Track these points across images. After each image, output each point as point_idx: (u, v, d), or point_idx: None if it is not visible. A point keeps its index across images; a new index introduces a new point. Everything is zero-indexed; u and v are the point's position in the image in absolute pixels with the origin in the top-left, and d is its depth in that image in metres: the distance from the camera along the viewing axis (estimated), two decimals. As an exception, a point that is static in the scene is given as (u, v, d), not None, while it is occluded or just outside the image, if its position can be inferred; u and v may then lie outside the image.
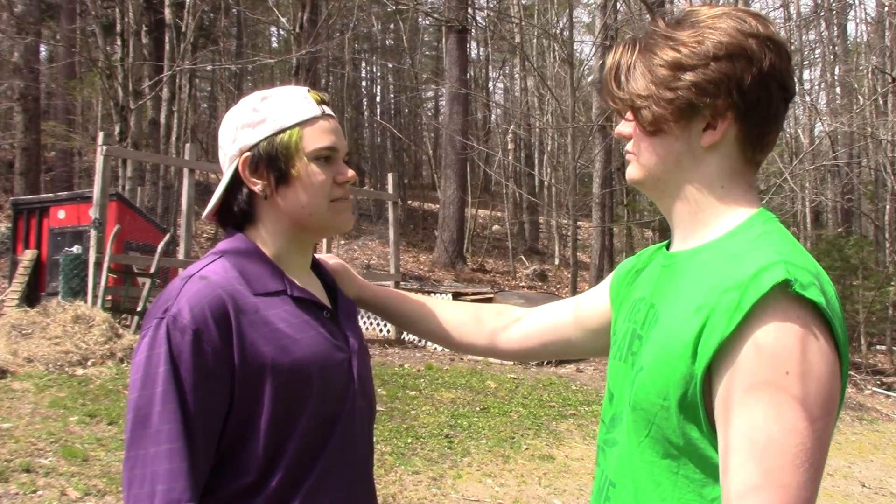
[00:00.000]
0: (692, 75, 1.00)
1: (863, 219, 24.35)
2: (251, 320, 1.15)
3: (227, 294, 1.14)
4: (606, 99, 1.10)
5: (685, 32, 1.03)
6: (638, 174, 1.10)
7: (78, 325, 7.42)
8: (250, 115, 1.25)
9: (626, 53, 1.07)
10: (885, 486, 5.70)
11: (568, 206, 17.50)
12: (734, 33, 1.00)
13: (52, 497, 3.87)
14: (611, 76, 1.08)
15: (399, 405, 6.62)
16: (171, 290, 1.16)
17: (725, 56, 0.99)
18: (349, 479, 1.23)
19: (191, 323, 1.10)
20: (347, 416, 1.23)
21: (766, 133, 1.04)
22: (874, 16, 25.71)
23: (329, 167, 1.25)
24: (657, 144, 1.06)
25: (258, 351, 1.13)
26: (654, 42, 1.04)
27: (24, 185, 16.76)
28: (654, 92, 1.03)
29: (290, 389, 1.15)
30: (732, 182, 1.05)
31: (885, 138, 15.92)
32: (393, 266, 11.81)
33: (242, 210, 1.26)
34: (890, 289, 14.11)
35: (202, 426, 1.09)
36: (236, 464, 1.14)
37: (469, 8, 20.37)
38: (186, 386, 1.08)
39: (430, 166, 28.42)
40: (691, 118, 1.03)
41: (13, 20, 16.50)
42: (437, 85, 30.52)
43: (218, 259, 1.22)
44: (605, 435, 1.12)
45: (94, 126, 23.06)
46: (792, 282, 0.88)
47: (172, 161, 15.84)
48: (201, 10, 16.88)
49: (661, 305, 1.04)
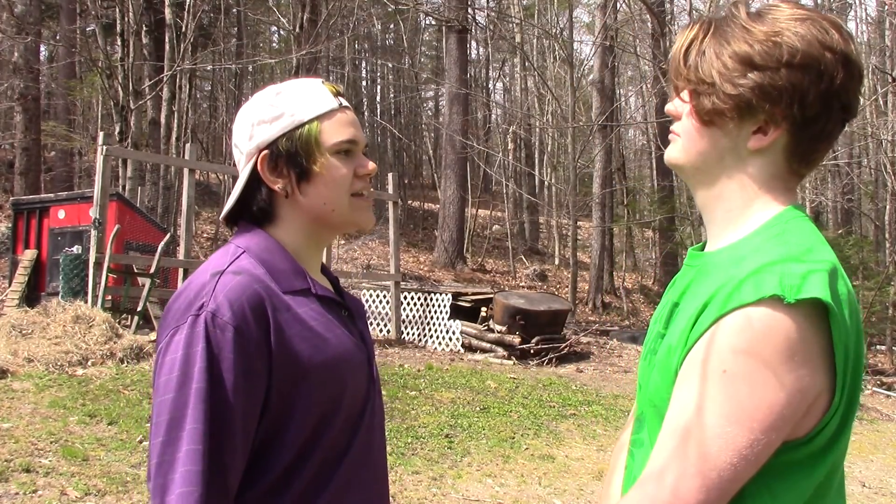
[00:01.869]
0: (759, 76, 0.97)
1: (863, 219, 24.36)
2: (286, 318, 1.12)
3: (263, 290, 1.11)
4: (672, 76, 1.06)
5: (763, 28, 0.98)
6: (678, 157, 1.08)
7: (78, 325, 7.42)
8: (266, 111, 1.20)
9: (700, 34, 1.03)
10: (886, 486, 5.70)
11: (568, 206, 17.50)
12: (813, 43, 0.96)
13: (52, 497, 3.87)
14: (680, 53, 1.04)
15: (399, 405, 6.62)
16: (202, 286, 1.10)
17: (798, 65, 0.96)
18: (372, 478, 1.23)
19: (231, 319, 1.06)
20: (369, 415, 1.22)
21: (815, 150, 1.02)
22: (874, 16, 25.72)
23: (349, 160, 1.22)
24: (705, 134, 1.03)
25: (294, 349, 1.11)
26: (730, 30, 1.00)
27: (24, 185, 16.76)
28: (718, 82, 0.99)
29: (325, 389, 1.13)
30: (771, 187, 1.03)
31: (885, 138, 15.92)
32: (393, 266, 11.81)
33: (262, 209, 1.21)
34: (890, 289, 14.10)
35: (241, 425, 1.05)
36: (264, 464, 1.11)
37: (469, 8, 20.36)
38: (227, 384, 1.04)
39: (430, 166, 28.42)
40: (746, 118, 1.00)
41: (13, 20, 16.50)
42: (437, 85, 30.52)
43: (243, 254, 1.17)
44: (634, 436, 1.13)
45: (94, 126, 23.06)
46: (781, 295, 0.87)
47: (172, 161, 15.84)
48: (201, 10, 16.87)
49: (683, 305, 1.04)
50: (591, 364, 10.66)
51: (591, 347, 11.81)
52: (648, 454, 1.04)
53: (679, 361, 0.95)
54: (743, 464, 0.87)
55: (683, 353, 0.95)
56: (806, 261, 0.91)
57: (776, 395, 0.87)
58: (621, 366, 10.67)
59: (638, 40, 20.58)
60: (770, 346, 0.87)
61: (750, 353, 0.87)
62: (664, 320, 1.08)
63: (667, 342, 1.00)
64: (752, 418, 0.87)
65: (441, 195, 19.53)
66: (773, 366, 0.87)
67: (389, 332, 11.42)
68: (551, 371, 9.73)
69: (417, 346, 11.08)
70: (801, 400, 0.88)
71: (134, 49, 14.84)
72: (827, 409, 0.91)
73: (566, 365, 10.33)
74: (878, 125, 15.89)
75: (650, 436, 1.04)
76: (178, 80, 17.55)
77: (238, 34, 24.71)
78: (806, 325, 0.88)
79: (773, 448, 0.89)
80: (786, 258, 0.92)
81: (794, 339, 0.87)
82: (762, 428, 0.87)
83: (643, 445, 1.07)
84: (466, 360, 10.06)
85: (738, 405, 0.87)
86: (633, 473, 1.09)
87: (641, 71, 25.09)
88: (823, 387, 0.89)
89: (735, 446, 0.87)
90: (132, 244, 11.40)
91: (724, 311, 0.89)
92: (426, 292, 11.63)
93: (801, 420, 0.90)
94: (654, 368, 1.03)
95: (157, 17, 17.27)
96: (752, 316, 0.88)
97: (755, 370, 0.87)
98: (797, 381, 0.87)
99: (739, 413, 0.87)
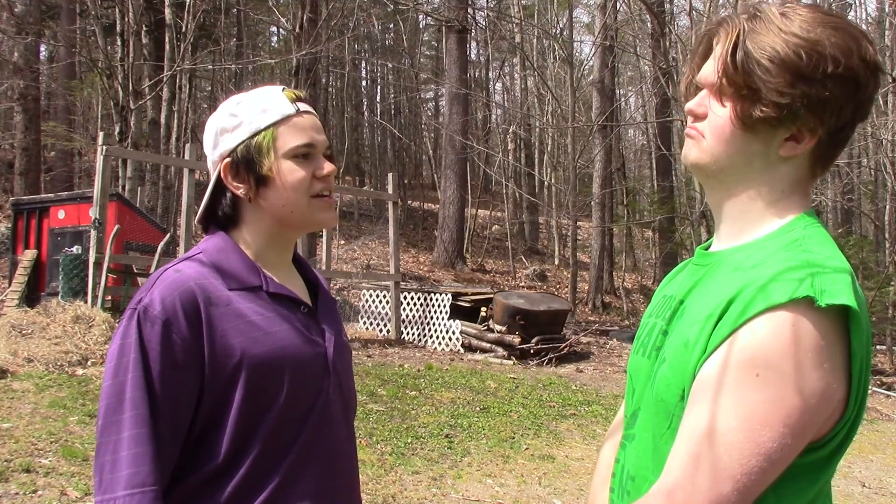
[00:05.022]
0: (807, 87, 0.96)
1: (863, 219, 24.36)
2: (223, 312, 1.18)
3: (198, 286, 1.18)
4: (718, 75, 1.02)
5: (801, 34, 0.97)
6: (701, 158, 1.05)
7: (78, 325, 7.43)
8: (228, 120, 1.29)
9: (742, 35, 1.00)
10: (886, 485, 5.70)
11: (568, 206, 17.49)
12: (851, 55, 0.96)
13: (52, 497, 3.87)
14: (728, 56, 1.01)
15: (399, 405, 6.62)
16: (146, 284, 1.20)
17: (840, 77, 0.96)
18: (326, 471, 1.24)
19: (161, 314, 1.13)
20: (322, 409, 1.24)
21: (836, 155, 1.03)
22: (874, 16, 25.73)
23: (308, 163, 1.27)
24: (739, 138, 1.01)
25: (229, 342, 1.16)
26: (769, 36, 0.98)
27: (24, 185, 16.74)
28: (764, 89, 0.97)
29: (260, 381, 1.18)
30: (792, 190, 1.03)
31: (885, 138, 15.92)
32: (393, 266, 11.81)
33: (227, 214, 1.29)
34: (890, 289, 14.11)
35: (169, 414, 1.12)
36: (205, 452, 1.16)
37: (469, 8, 20.36)
38: (154, 374, 1.11)
39: (430, 166, 28.41)
40: (784, 125, 0.99)
41: (13, 20, 16.49)
42: (437, 85, 30.52)
43: (196, 255, 1.25)
44: (626, 430, 1.12)
45: (94, 126, 23.06)
46: (814, 297, 0.87)
47: (172, 161, 15.84)
48: (201, 10, 16.85)
49: (690, 302, 1.04)
50: (591, 364, 10.66)
51: (591, 347, 11.81)
52: (642, 448, 1.05)
53: (698, 360, 0.94)
54: (772, 467, 0.88)
55: (704, 352, 0.94)
56: (829, 266, 0.92)
57: (807, 399, 0.87)
58: (621, 366, 10.67)
59: (638, 40, 20.58)
60: (803, 348, 0.87)
61: (785, 356, 0.87)
62: (666, 316, 1.07)
63: (679, 339, 0.99)
64: (783, 423, 0.87)
65: (441, 195, 19.53)
66: (807, 369, 0.87)
67: (389, 332, 11.42)
68: (551, 371, 9.73)
69: (417, 346, 11.08)
70: (825, 405, 0.89)
71: (134, 49, 14.83)
72: (841, 416, 0.91)
73: (566, 365, 10.33)
74: (878, 125, 15.89)
75: (645, 430, 1.04)
76: (178, 80, 17.55)
77: (238, 34, 24.73)
78: (831, 330, 0.88)
79: (797, 453, 0.89)
80: (810, 263, 0.92)
81: (823, 343, 0.87)
82: (793, 432, 0.87)
83: (636, 439, 1.07)
84: (466, 360, 10.07)
85: (772, 408, 0.87)
86: (625, 466, 1.10)
87: (641, 71, 25.10)
88: (842, 393, 0.90)
89: (766, 450, 0.87)
90: (132, 244, 11.39)
91: (754, 313, 0.89)
92: (426, 292, 11.63)
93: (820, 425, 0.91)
94: (661, 364, 1.02)
95: (157, 17, 17.26)
96: (785, 318, 0.87)
97: (790, 373, 0.87)
98: (827, 386, 0.88)
99: (772, 416, 0.87)
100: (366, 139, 33.32)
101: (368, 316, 11.94)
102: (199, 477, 1.15)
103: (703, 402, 0.91)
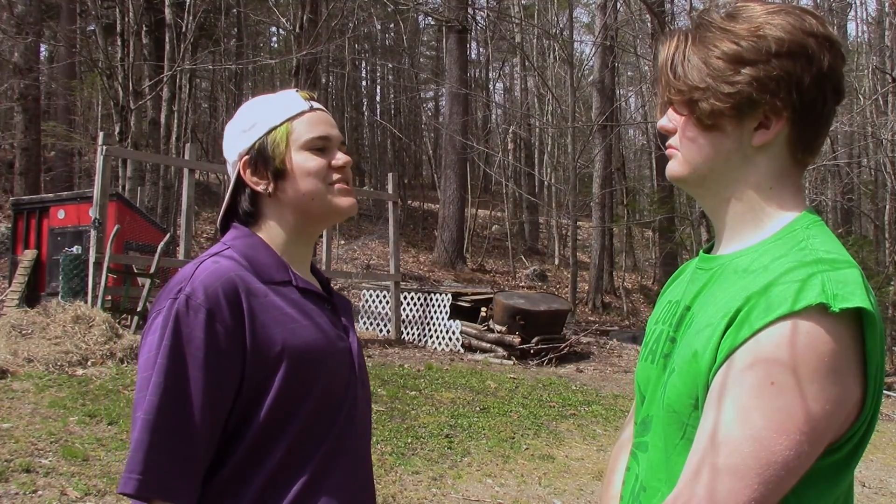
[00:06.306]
0: (753, 70, 0.97)
1: (863, 219, 24.36)
2: (262, 303, 1.19)
3: (238, 277, 1.19)
4: (664, 92, 1.05)
5: (742, 26, 0.99)
6: (682, 171, 1.06)
7: (78, 325, 7.43)
8: (244, 122, 1.32)
9: (680, 45, 1.03)
10: (886, 485, 5.69)
11: (568, 206, 17.49)
12: (794, 31, 0.97)
13: (52, 497, 3.87)
14: (667, 67, 1.04)
15: (399, 405, 6.62)
16: (183, 273, 1.20)
17: (787, 53, 0.96)
18: (354, 464, 1.26)
19: (204, 302, 1.14)
20: (350, 404, 1.26)
21: (817, 135, 1.02)
22: (874, 16, 25.72)
23: (324, 155, 1.30)
24: (707, 140, 1.02)
25: (270, 333, 1.17)
26: (711, 34, 1.00)
27: (24, 185, 16.74)
28: (712, 85, 0.99)
29: (299, 371, 1.19)
30: (780, 183, 1.02)
31: (885, 138, 15.92)
32: (393, 266, 11.81)
33: (246, 210, 1.31)
34: (890, 289, 14.11)
35: (207, 401, 1.12)
36: (239, 442, 1.17)
37: (469, 8, 20.36)
38: (197, 362, 1.11)
39: (430, 166, 28.41)
40: (746, 115, 0.99)
41: (13, 20, 16.48)
42: (437, 85, 30.51)
43: (226, 249, 1.26)
44: (637, 438, 1.11)
45: (94, 126, 23.05)
46: (827, 304, 0.86)
47: (172, 161, 15.84)
48: (201, 10, 16.86)
49: (698, 308, 1.03)
50: (591, 364, 10.66)
51: (591, 347, 11.81)
52: (655, 458, 1.04)
53: (709, 370, 0.93)
54: (789, 475, 0.87)
55: (715, 361, 0.93)
56: (840, 269, 0.91)
57: (823, 406, 0.87)
58: (621, 366, 10.68)
59: (638, 40, 20.57)
60: (818, 355, 0.86)
61: (800, 363, 0.86)
62: (673, 323, 1.07)
63: (688, 347, 0.98)
64: (800, 430, 0.86)
65: (441, 195, 19.53)
66: (823, 375, 0.86)
67: (389, 332, 11.42)
68: (551, 371, 9.73)
69: (417, 346, 11.08)
70: (842, 409, 0.88)
71: (134, 49, 14.84)
72: (857, 418, 0.91)
73: (566, 365, 10.33)
74: (878, 125, 15.89)
75: (657, 440, 1.03)
76: (178, 80, 17.55)
77: (238, 34, 24.74)
78: (846, 334, 0.87)
79: (814, 459, 0.89)
80: (818, 266, 0.91)
81: (838, 349, 0.87)
82: (809, 439, 0.87)
83: (648, 449, 1.06)
84: (466, 360, 10.07)
85: (789, 416, 0.86)
86: (637, 476, 1.09)
87: (641, 71, 25.09)
88: (858, 395, 0.90)
89: (783, 458, 0.86)
90: (132, 244, 11.40)
91: (767, 321, 0.88)
92: (426, 292, 11.63)
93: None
94: (670, 373, 1.01)
95: (157, 17, 17.27)
96: (799, 325, 0.87)
97: (805, 380, 0.86)
98: (843, 390, 0.87)
99: (789, 424, 0.86)
100: (366, 139, 33.30)
101: (368, 316, 11.94)
102: (230, 466, 1.16)
103: (717, 411, 0.90)
